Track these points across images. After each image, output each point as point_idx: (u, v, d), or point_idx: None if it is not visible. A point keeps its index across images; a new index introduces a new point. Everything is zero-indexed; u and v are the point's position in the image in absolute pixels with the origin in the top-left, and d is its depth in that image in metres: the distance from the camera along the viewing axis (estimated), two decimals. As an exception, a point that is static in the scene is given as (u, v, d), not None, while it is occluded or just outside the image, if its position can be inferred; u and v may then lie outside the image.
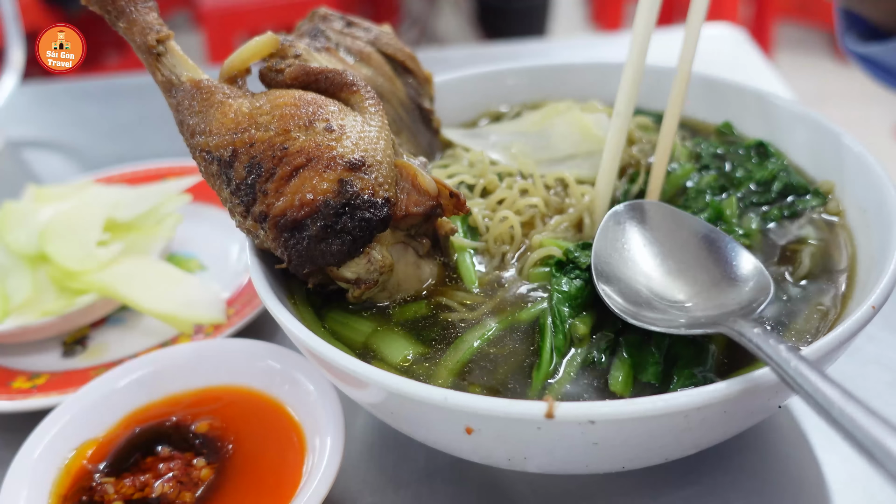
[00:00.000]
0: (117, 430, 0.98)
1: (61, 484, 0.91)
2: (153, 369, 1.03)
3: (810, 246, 1.00)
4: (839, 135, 1.05)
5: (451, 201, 0.92)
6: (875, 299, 0.77)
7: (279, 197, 0.84)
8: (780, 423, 1.02)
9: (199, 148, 0.91)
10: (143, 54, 0.95)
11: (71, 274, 1.25)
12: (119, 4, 0.95)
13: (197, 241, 1.48)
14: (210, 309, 1.23)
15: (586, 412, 0.68)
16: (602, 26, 5.77)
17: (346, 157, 0.85)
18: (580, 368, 0.84)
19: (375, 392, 0.77)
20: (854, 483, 0.94)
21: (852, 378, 1.07)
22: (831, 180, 1.06)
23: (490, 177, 1.11)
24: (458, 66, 1.38)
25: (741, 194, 1.08)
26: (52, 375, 1.19)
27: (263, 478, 0.91)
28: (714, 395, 0.68)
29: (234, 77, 0.96)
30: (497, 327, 0.89)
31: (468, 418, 0.72)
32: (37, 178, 1.90)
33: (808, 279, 0.95)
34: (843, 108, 4.57)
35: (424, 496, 0.97)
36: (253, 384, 1.02)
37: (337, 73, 0.95)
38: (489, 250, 1.02)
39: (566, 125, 1.19)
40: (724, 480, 0.95)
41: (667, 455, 0.79)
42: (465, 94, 1.35)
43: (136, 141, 2.00)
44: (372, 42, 1.13)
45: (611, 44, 2.66)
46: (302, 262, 0.85)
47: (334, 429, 0.91)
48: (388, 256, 0.88)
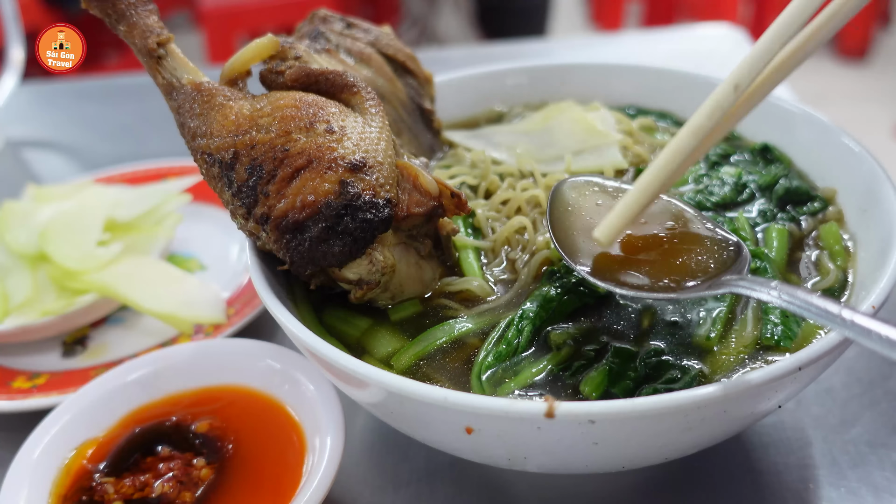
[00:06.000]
0: (117, 430, 0.98)
1: (61, 484, 0.91)
2: (153, 369, 1.03)
3: (811, 248, 1.00)
4: (839, 135, 1.05)
5: (453, 202, 0.92)
6: (875, 299, 0.78)
7: (280, 199, 0.84)
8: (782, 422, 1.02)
9: (200, 150, 0.91)
10: (143, 57, 0.96)
11: (71, 274, 1.25)
12: (119, 8, 0.95)
13: (197, 241, 1.49)
14: (210, 309, 1.24)
15: (586, 412, 0.68)
16: (602, 26, 5.77)
17: (347, 158, 0.85)
18: (551, 374, 0.84)
19: (375, 392, 0.77)
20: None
21: (854, 378, 1.08)
22: (833, 187, 1.06)
23: (492, 177, 1.11)
24: (458, 66, 1.39)
25: (744, 196, 1.08)
26: (52, 375, 1.19)
27: (263, 478, 0.91)
28: (714, 395, 0.68)
29: (235, 79, 0.96)
30: (471, 327, 0.90)
31: (468, 418, 0.72)
32: (37, 178, 1.90)
33: (809, 280, 0.95)
34: (843, 108, 4.57)
35: (424, 496, 0.97)
36: (253, 384, 1.02)
37: (337, 74, 0.95)
38: (494, 251, 1.02)
39: (570, 122, 1.19)
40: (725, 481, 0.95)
41: (667, 455, 0.79)
42: (466, 94, 1.35)
43: (136, 141, 2.00)
44: (372, 43, 1.14)
45: (611, 44, 2.66)
46: (304, 264, 0.85)
47: (334, 429, 0.91)
48: (389, 257, 0.88)
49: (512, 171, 1.12)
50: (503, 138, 1.22)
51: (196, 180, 1.50)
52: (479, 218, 1.05)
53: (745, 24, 4.58)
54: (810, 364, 0.71)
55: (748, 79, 0.79)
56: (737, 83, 0.79)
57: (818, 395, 1.05)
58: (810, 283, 0.94)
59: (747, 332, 0.86)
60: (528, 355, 0.86)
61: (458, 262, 0.99)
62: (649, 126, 1.25)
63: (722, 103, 0.79)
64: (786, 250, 0.99)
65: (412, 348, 0.89)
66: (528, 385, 0.83)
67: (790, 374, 0.70)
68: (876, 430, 1.00)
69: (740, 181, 1.09)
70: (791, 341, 0.85)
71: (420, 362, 0.87)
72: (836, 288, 0.92)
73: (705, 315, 0.88)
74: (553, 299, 0.90)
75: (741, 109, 0.83)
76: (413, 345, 0.89)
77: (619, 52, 2.34)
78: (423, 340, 0.89)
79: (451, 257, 0.99)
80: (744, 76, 0.79)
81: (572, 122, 1.19)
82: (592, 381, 0.81)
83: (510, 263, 1.00)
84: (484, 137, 1.24)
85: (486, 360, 0.85)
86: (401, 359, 0.88)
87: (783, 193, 1.07)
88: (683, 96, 1.28)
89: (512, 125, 1.28)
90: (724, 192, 1.08)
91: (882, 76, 5.04)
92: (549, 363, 0.85)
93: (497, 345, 0.87)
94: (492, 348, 0.86)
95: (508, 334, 0.87)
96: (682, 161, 0.80)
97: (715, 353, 0.84)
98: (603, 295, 0.91)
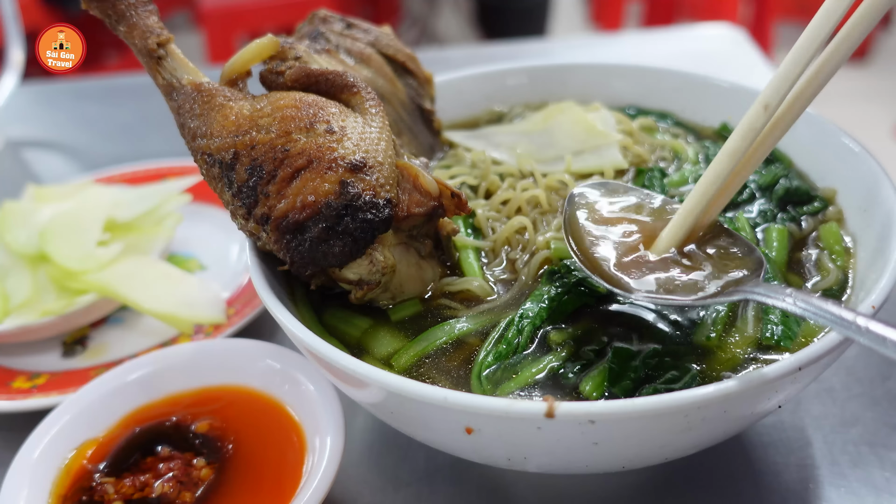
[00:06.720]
0: (117, 430, 0.98)
1: (61, 484, 0.91)
2: (153, 369, 1.03)
3: (811, 248, 1.00)
4: (839, 135, 1.05)
5: (453, 202, 0.92)
6: (875, 299, 0.78)
7: (281, 199, 0.84)
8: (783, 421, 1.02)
9: (200, 151, 0.91)
10: (143, 58, 0.96)
11: (71, 274, 1.25)
12: (119, 8, 0.95)
13: (197, 241, 1.49)
14: (210, 309, 1.24)
15: (586, 412, 0.68)
16: (602, 26, 5.77)
17: (348, 158, 0.85)
18: (551, 374, 0.84)
19: (375, 392, 0.77)
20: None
21: (854, 378, 1.08)
22: (833, 187, 1.06)
23: (492, 177, 1.11)
24: (458, 66, 1.39)
25: (744, 196, 1.08)
26: (52, 375, 1.19)
27: (263, 478, 0.91)
28: (714, 395, 0.68)
29: (235, 79, 0.96)
30: (471, 327, 0.90)
31: (468, 418, 0.72)
32: (37, 178, 1.91)
33: (809, 280, 0.95)
34: (843, 108, 4.57)
35: (424, 496, 0.97)
36: (253, 384, 1.02)
37: (337, 74, 0.95)
38: (494, 251, 1.02)
39: (570, 123, 1.19)
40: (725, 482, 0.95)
41: (667, 455, 0.79)
42: (466, 94, 1.35)
43: (136, 141, 2.00)
44: (372, 43, 1.14)
45: (611, 44, 2.66)
46: (304, 264, 0.85)
47: (334, 429, 0.91)
48: (390, 257, 0.88)
49: (512, 172, 1.12)
50: (503, 138, 1.22)
51: (196, 180, 1.50)
52: (479, 218, 1.05)
53: (745, 24, 4.58)
54: (810, 364, 0.71)
55: (777, 98, 0.81)
56: (766, 103, 0.81)
57: (818, 395, 1.06)
58: (810, 284, 0.94)
59: (747, 332, 0.86)
60: (528, 355, 0.86)
61: (459, 262, 0.99)
62: (649, 126, 1.25)
63: (755, 124, 0.81)
64: (786, 250, 0.99)
65: (412, 348, 0.89)
66: (528, 385, 0.83)
67: (790, 374, 0.70)
68: (876, 430, 1.00)
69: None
70: (791, 341, 0.85)
71: (420, 362, 0.87)
72: (836, 288, 0.93)
73: (705, 315, 0.88)
74: (553, 299, 0.90)
75: (777, 129, 0.85)
76: (413, 345, 0.89)
77: (619, 52, 2.34)
78: (423, 340, 0.89)
79: (451, 257, 0.99)
80: (772, 96, 0.81)
81: (572, 122, 1.19)
82: (592, 381, 0.81)
83: (510, 263, 1.00)
84: (484, 137, 1.24)
85: (486, 359, 0.85)
86: (401, 359, 0.88)
87: (783, 193, 1.07)
88: (683, 96, 1.28)
89: (512, 125, 1.28)
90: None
91: (882, 76, 5.04)
92: (549, 363, 0.85)
93: (497, 345, 0.87)
94: (492, 348, 0.86)
95: (508, 334, 0.87)
96: (720, 186, 0.84)
97: (715, 353, 0.84)
98: (603, 295, 0.91)
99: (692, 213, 0.86)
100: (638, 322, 0.88)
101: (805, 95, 0.83)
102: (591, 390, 0.80)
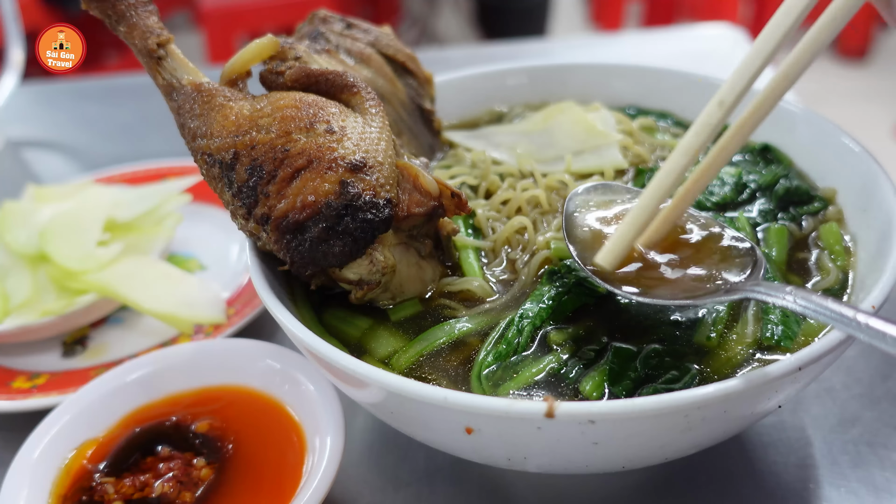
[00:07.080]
0: (117, 430, 0.98)
1: (61, 484, 0.91)
2: (153, 369, 1.03)
3: (811, 248, 1.00)
4: (839, 135, 1.05)
5: (453, 202, 0.92)
6: (875, 299, 0.78)
7: (281, 199, 0.84)
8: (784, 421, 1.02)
9: (200, 151, 0.91)
10: (143, 58, 0.96)
11: (71, 274, 1.25)
12: (119, 9, 0.95)
13: (197, 241, 1.49)
14: (210, 309, 1.24)
15: (586, 412, 0.68)
16: (602, 26, 5.77)
17: (348, 158, 0.85)
18: (551, 374, 0.84)
19: (375, 392, 0.77)
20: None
21: (854, 378, 1.07)
22: (833, 187, 1.06)
23: (492, 177, 1.11)
24: (458, 66, 1.39)
25: (744, 196, 1.08)
26: (52, 375, 1.19)
27: (263, 478, 0.91)
28: (714, 395, 0.68)
29: (235, 80, 0.96)
30: (471, 327, 0.90)
31: (468, 418, 0.72)
32: (37, 178, 1.90)
33: (809, 280, 0.95)
34: (843, 108, 4.57)
35: (424, 496, 0.97)
36: (253, 384, 1.02)
37: (337, 74, 0.95)
38: (494, 251, 1.02)
39: (570, 123, 1.19)
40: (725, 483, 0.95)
41: (667, 455, 0.79)
42: (466, 94, 1.35)
43: (136, 141, 2.00)
44: (372, 43, 1.14)
45: (611, 44, 2.66)
46: (304, 264, 0.85)
47: (334, 429, 0.91)
48: (390, 257, 0.88)
49: (512, 172, 1.13)
50: (503, 138, 1.22)
51: (196, 180, 1.50)
52: (479, 218, 1.05)
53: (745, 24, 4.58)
54: (810, 364, 0.71)
55: (732, 95, 0.83)
56: (721, 100, 0.83)
57: (818, 395, 1.06)
58: (810, 283, 0.94)
59: (747, 332, 0.86)
60: (528, 355, 0.86)
61: (459, 262, 0.99)
62: (649, 126, 1.25)
63: (709, 120, 0.83)
64: (786, 250, 0.99)
65: (412, 348, 0.89)
66: (528, 385, 0.83)
67: (790, 374, 0.71)
68: (876, 430, 1.00)
69: (740, 181, 1.09)
70: (791, 341, 0.85)
71: (420, 362, 0.87)
72: (836, 288, 0.93)
73: (705, 315, 0.88)
74: (553, 299, 0.90)
75: (752, 119, 0.85)
76: (413, 345, 0.89)
77: (619, 52, 2.34)
78: (423, 340, 0.89)
79: (451, 257, 0.99)
80: (727, 93, 0.83)
81: (572, 122, 1.19)
82: (592, 381, 0.81)
83: (510, 263, 1.00)
84: (484, 137, 1.24)
85: (486, 359, 0.85)
86: (401, 359, 0.88)
87: (783, 193, 1.07)
88: (683, 96, 1.28)
89: (512, 125, 1.28)
90: (724, 192, 1.08)
91: (882, 76, 5.04)
92: (549, 363, 0.85)
93: (497, 345, 0.87)
94: (492, 348, 0.86)
95: (508, 334, 0.87)
96: (675, 179, 0.84)
97: (715, 353, 0.84)
98: (603, 295, 0.91)
99: (646, 210, 0.85)
100: (638, 322, 0.88)
101: (781, 87, 0.83)
102: (591, 390, 0.80)
